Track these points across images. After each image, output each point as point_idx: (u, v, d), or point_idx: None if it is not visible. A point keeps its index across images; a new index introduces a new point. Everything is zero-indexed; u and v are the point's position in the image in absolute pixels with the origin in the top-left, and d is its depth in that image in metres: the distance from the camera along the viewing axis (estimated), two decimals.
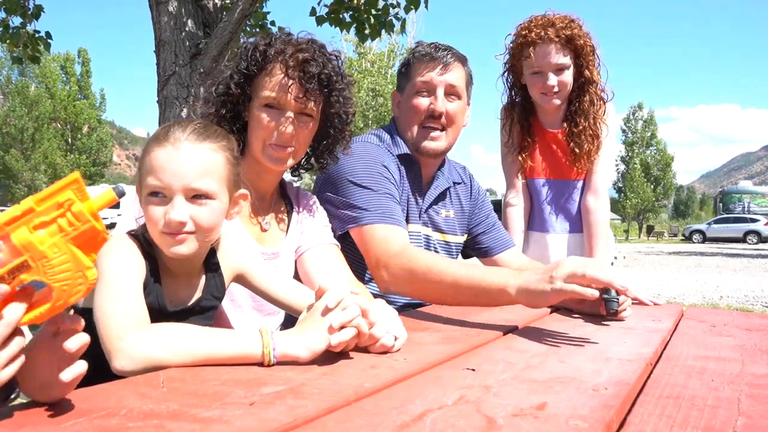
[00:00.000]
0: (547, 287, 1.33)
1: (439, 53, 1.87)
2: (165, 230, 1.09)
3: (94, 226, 0.67)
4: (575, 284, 1.30)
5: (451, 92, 1.88)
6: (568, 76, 2.25)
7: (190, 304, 1.22)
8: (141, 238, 1.14)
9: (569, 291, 1.30)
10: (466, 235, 2.14)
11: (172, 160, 1.09)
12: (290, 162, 1.55)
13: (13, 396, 0.73)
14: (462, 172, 2.18)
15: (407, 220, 1.93)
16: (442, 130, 1.90)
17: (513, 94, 2.42)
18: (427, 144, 1.90)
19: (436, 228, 2.04)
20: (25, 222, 0.66)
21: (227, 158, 1.16)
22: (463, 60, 1.92)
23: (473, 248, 2.17)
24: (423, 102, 1.88)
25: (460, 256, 2.16)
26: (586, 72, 2.27)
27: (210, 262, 1.25)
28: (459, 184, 2.13)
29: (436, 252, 2.03)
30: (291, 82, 1.44)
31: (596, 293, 1.34)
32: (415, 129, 1.90)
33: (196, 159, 1.10)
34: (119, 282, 1.03)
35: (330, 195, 1.78)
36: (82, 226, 0.66)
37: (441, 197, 2.04)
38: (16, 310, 0.67)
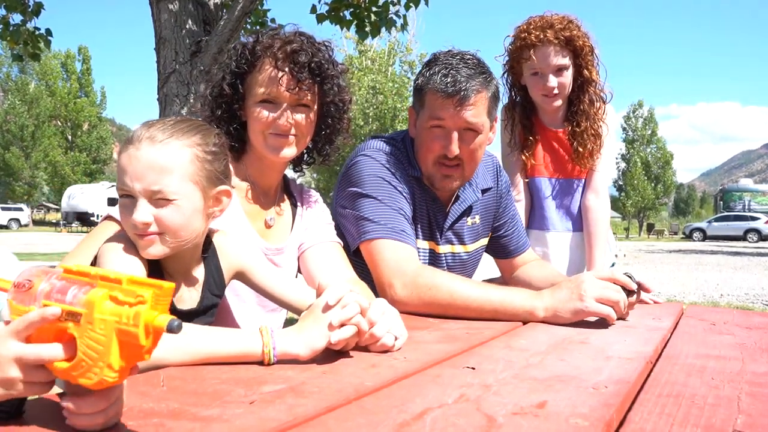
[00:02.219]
0: (579, 305, 1.45)
1: (457, 86, 1.62)
2: (134, 231, 1.10)
3: (137, 335, 0.61)
4: (604, 304, 1.45)
5: (468, 128, 1.68)
6: (567, 77, 2.25)
7: (195, 305, 1.22)
8: None
9: (602, 312, 1.45)
10: (489, 234, 2.03)
11: (132, 163, 1.08)
12: (293, 151, 1.53)
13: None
14: (492, 170, 2.00)
15: (434, 243, 1.87)
16: (457, 166, 1.73)
17: (513, 94, 2.42)
18: (442, 183, 1.77)
19: (461, 241, 1.93)
20: (108, 288, 0.65)
21: (195, 155, 1.12)
22: (485, 82, 1.68)
23: (493, 249, 2.07)
24: (437, 140, 1.70)
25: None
26: (585, 72, 2.27)
27: (208, 260, 1.25)
28: (488, 191, 1.96)
29: (461, 263, 1.93)
30: (282, 74, 1.44)
31: (615, 316, 1.47)
32: (430, 165, 1.75)
33: (154, 160, 1.08)
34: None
35: (341, 209, 1.75)
36: (129, 328, 0.62)
37: (466, 212, 1.91)
38: (55, 350, 0.66)
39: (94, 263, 1.18)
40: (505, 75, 2.38)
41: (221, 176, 1.18)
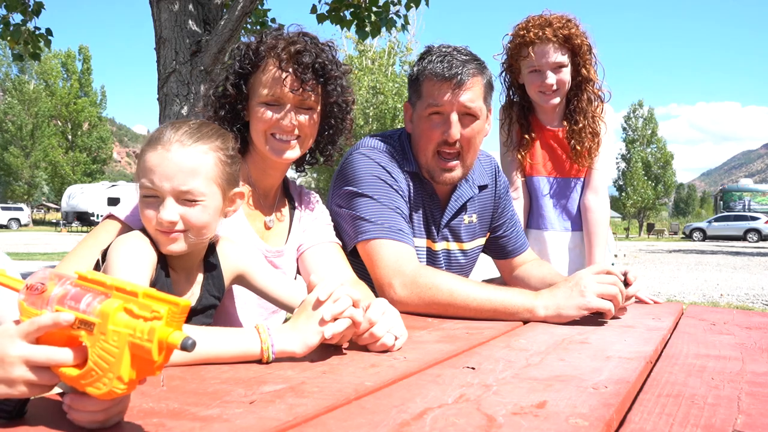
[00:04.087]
0: (581, 301, 1.47)
1: (453, 70, 1.64)
2: (158, 228, 1.14)
3: (151, 350, 0.61)
4: (603, 300, 1.47)
5: (466, 113, 1.68)
6: (566, 75, 2.25)
7: (193, 304, 1.22)
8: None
9: (603, 307, 1.47)
10: (487, 234, 2.03)
11: (162, 164, 1.12)
12: (296, 152, 1.53)
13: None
14: (490, 170, 2.00)
15: (431, 240, 1.87)
16: (458, 156, 1.73)
17: (511, 93, 2.42)
18: (443, 175, 1.75)
19: (457, 238, 1.92)
20: (123, 300, 0.65)
21: (219, 159, 1.18)
22: (480, 69, 1.70)
23: (491, 249, 2.07)
24: (436, 128, 1.69)
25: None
26: (584, 70, 2.28)
27: (208, 261, 1.26)
28: (485, 188, 1.96)
29: (456, 262, 1.94)
30: (285, 74, 1.44)
31: (613, 311, 1.49)
32: (429, 155, 1.74)
33: (185, 162, 1.13)
34: (125, 278, 1.03)
35: (337, 209, 1.75)
36: (143, 342, 0.62)
37: (463, 208, 1.90)
38: (66, 355, 0.66)
39: (97, 264, 1.19)
40: (503, 74, 2.39)
41: (237, 178, 1.24)
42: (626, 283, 1.60)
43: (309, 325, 1.02)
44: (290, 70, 1.44)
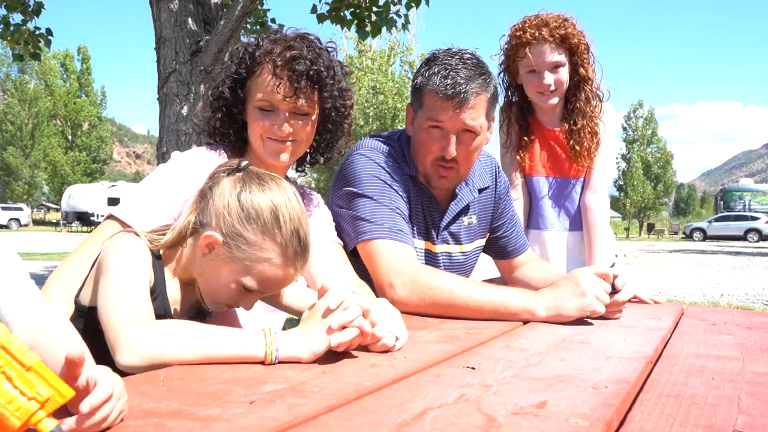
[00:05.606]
0: (583, 302, 1.46)
1: (456, 89, 1.60)
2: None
3: (15, 427, 0.60)
4: (601, 303, 1.47)
5: (466, 130, 1.66)
6: (564, 74, 2.25)
7: (189, 306, 1.22)
8: (148, 244, 1.15)
9: (602, 311, 1.46)
10: (487, 235, 2.02)
11: None
12: (291, 157, 1.53)
13: None
14: (490, 170, 1.99)
15: (431, 242, 1.87)
16: (454, 166, 1.72)
17: (509, 94, 2.42)
18: (439, 182, 1.76)
19: (457, 241, 1.92)
20: (7, 364, 0.62)
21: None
22: (484, 84, 1.66)
23: (491, 250, 2.06)
24: (435, 141, 1.68)
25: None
26: (581, 70, 2.27)
27: None
28: (485, 189, 1.95)
29: (457, 264, 1.94)
30: (279, 81, 1.43)
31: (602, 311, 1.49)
32: (427, 164, 1.73)
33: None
34: (126, 278, 1.03)
35: (337, 209, 1.75)
36: (9, 415, 0.60)
37: (463, 211, 1.90)
38: None
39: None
40: (502, 75, 2.39)
41: None
42: (614, 289, 1.56)
43: (317, 332, 1.02)
44: (284, 77, 1.43)
